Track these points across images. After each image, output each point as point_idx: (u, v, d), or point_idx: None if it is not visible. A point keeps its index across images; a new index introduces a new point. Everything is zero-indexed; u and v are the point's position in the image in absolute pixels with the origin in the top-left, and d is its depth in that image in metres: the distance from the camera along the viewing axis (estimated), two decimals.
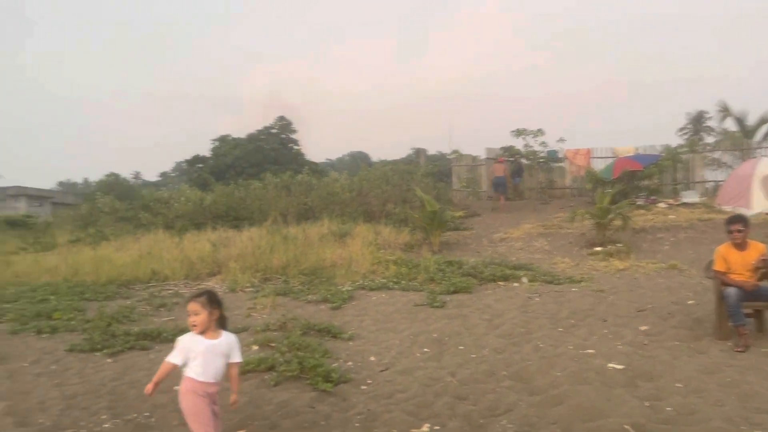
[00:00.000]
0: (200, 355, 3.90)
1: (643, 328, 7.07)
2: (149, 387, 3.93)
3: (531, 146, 21.95)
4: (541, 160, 22.39)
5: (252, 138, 36.40)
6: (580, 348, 6.34)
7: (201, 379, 3.89)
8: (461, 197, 23.16)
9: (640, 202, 18.16)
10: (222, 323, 4.01)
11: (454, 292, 9.60)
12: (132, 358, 6.81)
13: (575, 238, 14.68)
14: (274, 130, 37.44)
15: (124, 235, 17.29)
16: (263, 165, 31.82)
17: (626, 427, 4.21)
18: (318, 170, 31.65)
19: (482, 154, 23.83)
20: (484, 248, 14.33)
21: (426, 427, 4.52)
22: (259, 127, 37.72)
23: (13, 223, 22.58)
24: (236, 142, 35.90)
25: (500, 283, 10.50)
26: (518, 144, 22.18)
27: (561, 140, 22.45)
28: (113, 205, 21.98)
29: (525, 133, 21.46)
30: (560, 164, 23.29)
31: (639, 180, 19.30)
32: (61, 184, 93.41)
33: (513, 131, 21.41)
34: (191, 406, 3.85)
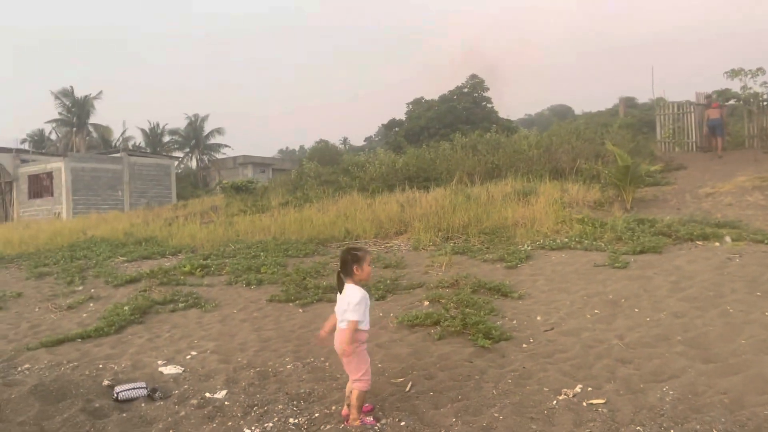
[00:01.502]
0: (368, 308, 4.29)
1: None
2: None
3: (750, 88, 19.23)
4: (764, 102, 19.51)
5: (444, 99, 36.76)
6: None
7: (367, 328, 4.29)
8: (666, 149, 21.20)
9: None
10: None
11: (641, 252, 9.00)
12: (319, 309, 7.56)
13: None
14: (465, 90, 37.40)
15: (325, 197, 18.77)
16: (455, 125, 32.04)
17: None
18: (510, 127, 31.09)
19: (691, 101, 21.42)
20: (686, 204, 13.08)
21: (579, 387, 4.45)
22: (452, 87, 37.94)
23: (238, 188, 25.64)
24: (429, 104, 36.58)
25: (698, 242, 9.58)
26: (734, 86, 19.58)
27: None
28: (317, 170, 23.88)
29: (741, 73, 18.83)
30: None
31: None
32: (281, 151, 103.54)
33: (727, 72, 18.91)
34: (363, 356, 4.25)
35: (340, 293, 4.24)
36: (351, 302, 4.16)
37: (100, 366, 5.87)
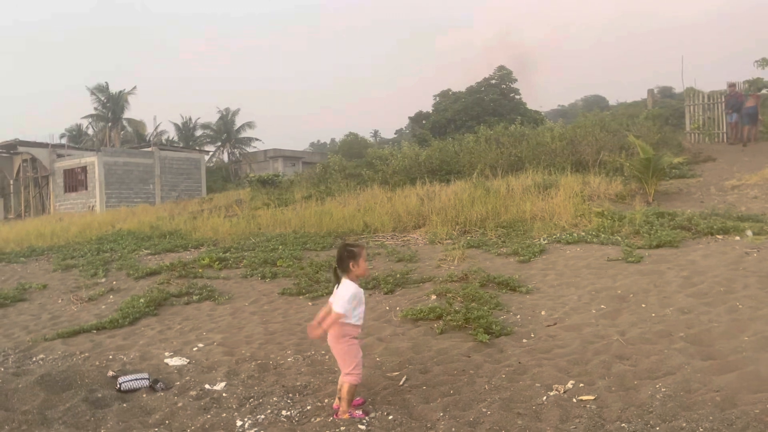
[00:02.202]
0: (363, 303, 4.37)
1: None
2: (317, 333, 4.29)
3: None
4: None
5: (471, 91, 36.46)
6: None
7: (360, 323, 4.37)
8: (695, 140, 20.70)
9: None
10: None
11: (657, 247, 8.85)
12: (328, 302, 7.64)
13: None
14: (493, 81, 37.03)
15: (347, 191, 18.84)
16: (482, 117, 31.80)
17: None
18: (536, 119, 30.71)
19: (723, 90, 20.85)
20: (711, 197, 12.79)
21: (571, 383, 4.43)
22: (479, 79, 37.61)
23: (264, 182, 25.93)
24: (456, 97, 36.33)
25: (718, 236, 9.38)
26: (766, 75, 19.00)
27: None
28: (341, 164, 23.98)
29: None
30: None
31: None
32: (312, 144, 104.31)
33: (757, 61, 18.38)
34: (350, 349, 4.32)
35: (338, 286, 4.36)
36: (342, 296, 4.24)
37: (110, 357, 6.05)
